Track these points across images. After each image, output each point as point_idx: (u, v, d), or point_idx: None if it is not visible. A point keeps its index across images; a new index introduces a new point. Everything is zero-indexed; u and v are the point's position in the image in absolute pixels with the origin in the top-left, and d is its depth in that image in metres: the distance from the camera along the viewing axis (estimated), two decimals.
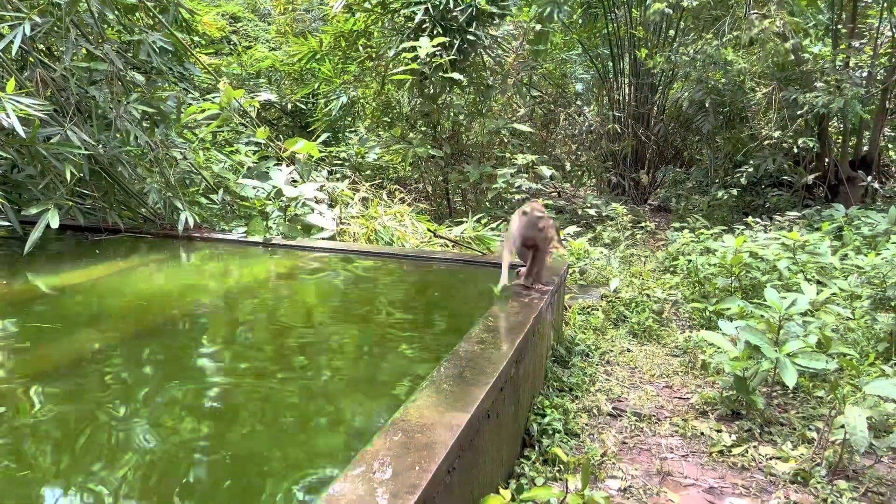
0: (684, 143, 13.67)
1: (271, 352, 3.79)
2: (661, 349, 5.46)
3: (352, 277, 5.37)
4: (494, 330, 3.44)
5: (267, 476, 2.49)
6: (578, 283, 6.91)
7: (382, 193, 8.85)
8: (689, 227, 9.42)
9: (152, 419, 2.85)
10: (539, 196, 10.04)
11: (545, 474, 3.39)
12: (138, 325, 4.08)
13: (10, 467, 2.45)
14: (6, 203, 5.11)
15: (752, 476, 3.56)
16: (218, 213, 7.12)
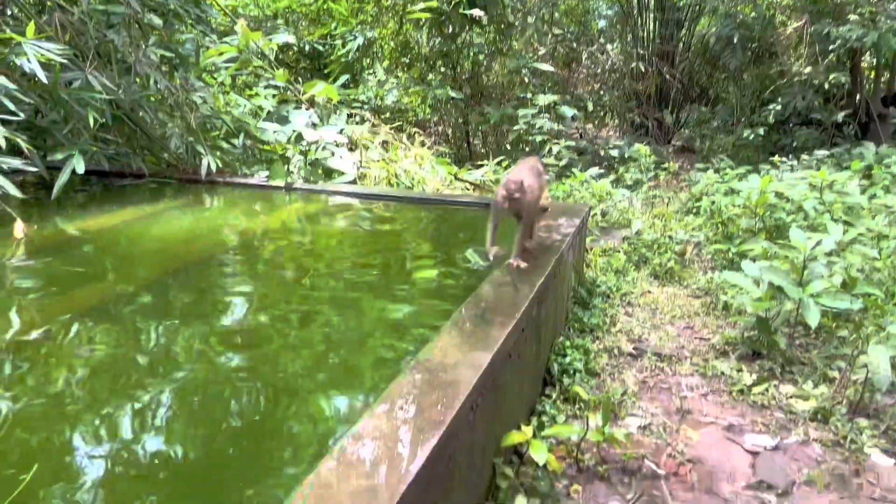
0: (710, 81, 13.32)
1: (295, 294, 3.85)
2: (682, 290, 5.46)
3: (373, 221, 5.39)
4: (516, 272, 3.45)
5: (297, 410, 2.57)
6: (600, 226, 6.88)
7: (402, 136, 8.79)
8: (714, 167, 9.27)
9: (184, 355, 2.94)
10: (560, 137, 9.91)
11: (566, 412, 3.46)
12: (165, 268, 4.16)
13: (49, 402, 2.56)
14: (32, 149, 5.16)
15: (771, 414, 3.60)
16: (239, 158, 7.13)
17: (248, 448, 2.37)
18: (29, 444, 2.31)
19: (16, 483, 2.05)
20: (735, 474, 3.08)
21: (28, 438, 2.34)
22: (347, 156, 6.99)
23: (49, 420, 2.46)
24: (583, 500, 2.87)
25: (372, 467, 1.80)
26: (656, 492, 2.95)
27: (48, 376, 2.77)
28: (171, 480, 2.15)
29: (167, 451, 2.28)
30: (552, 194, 7.56)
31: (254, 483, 2.17)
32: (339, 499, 1.66)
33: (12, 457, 2.23)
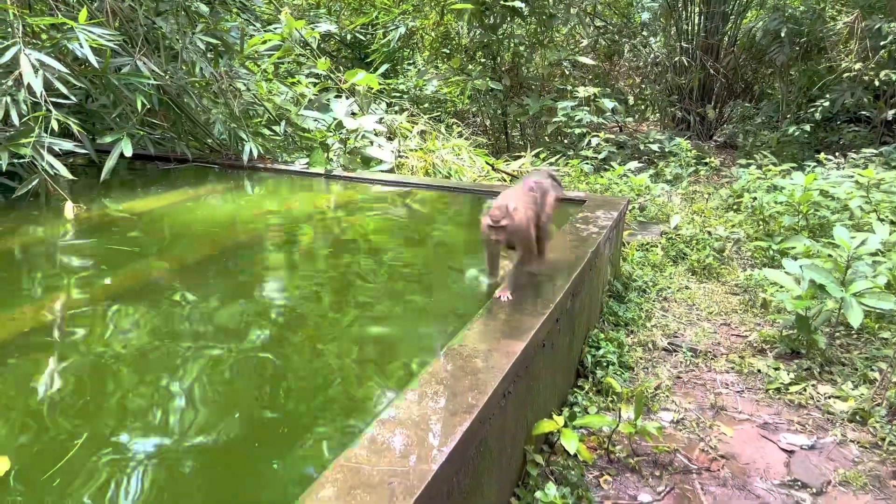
0: (755, 76, 13.03)
1: (334, 279, 3.92)
2: (720, 287, 5.39)
3: (410, 210, 5.43)
4: (551, 263, 3.46)
5: (333, 391, 2.63)
6: (638, 220, 6.82)
7: (441, 127, 8.81)
8: (756, 163, 9.09)
9: (224, 334, 3.02)
10: (600, 130, 9.82)
11: (598, 403, 3.46)
12: (208, 250, 4.26)
13: (95, 376, 2.66)
14: (83, 132, 5.32)
15: (808, 413, 3.55)
16: (280, 145, 7.24)
17: (284, 426, 2.43)
18: (78, 415, 2.41)
19: (67, 448, 2.15)
20: (769, 472, 3.05)
21: (77, 409, 2.44)
22: (386, 145, 7.04)
23: (96, 392, 2.56)
24: (613, 490, 2.88)
25: (404, 449, 1.84)
26: (688, 486, 2.94)
27: (96, 352, 2.87)
28: (204, 454, 2.22)
29: (203, 425, 2.35)
30: (591, 188, 7.52)
31: (287, 460, 2.23)
32: (371, 478, 1.71)
33: (63, 426, 2.33)
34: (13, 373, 2.67)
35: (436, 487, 1.77)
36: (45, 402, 2.48)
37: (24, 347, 2.87)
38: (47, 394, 2.53)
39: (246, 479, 2.16)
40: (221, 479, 2.14)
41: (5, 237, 4.41)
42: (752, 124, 11.93)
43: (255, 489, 2.10)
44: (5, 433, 2.26)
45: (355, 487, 1.66)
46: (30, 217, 4.79)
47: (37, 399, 2.50)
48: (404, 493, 1.65)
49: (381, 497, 1.63)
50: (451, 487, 1.93)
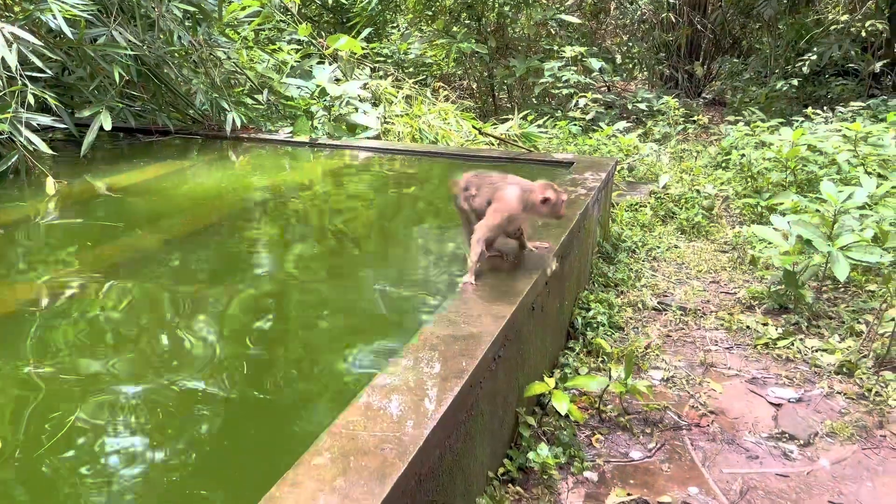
0: (743, 31, 12.92)
1: (322, 247, 3.90)
2: (709, 245, 5.41)
3: (397, 176, 5.40)
4: (540, 226, 3.45)
5: (323, 358, 2.63)
6: (627, 180, 6.81)
7: (426, 91, 8.70)
8: (745, 120, 9.05)
9: (211, 307, 3.01)
10: (587, 90, 9.73)
11: (589, 364, 3.49)
12: (192, 223, 4.23)
13: (80, 353, 2.65)
14: (60, 106, 5.22)
15: (796, 367, 3.59)
16: (264, 114, 7.15)
17: (276, 394, 2.44)
18: (66, 393, 2.40)
19: (57, 428, 2.15)
20: (757, 425, 3.10)
21: (64, 388, 2.43)
22: (371, 111, 6.96)
23: (83, 370, 2.55)
24: (604, 449, 2.92)
25: (396, 414, 1.85)
26: (678, 442, 2.98)
27: (83, 328, 2.86)
28: (197, 423, 2.23)
29: (195, 395, 2.35)
30: (579, 149, 7.48)
31: (281, 428, 2.24)
32: (365, 444, 1.71)
33: (51, 405, 2.32)
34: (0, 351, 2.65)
35: (428, 452, 1.78)
36: (32, 380, 2.47)
37: (10, 325, 2.85)
38: (34, 373, 2.52)
39: (241, 445, 2.18)
40: (216, 447, 2.15)
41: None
42: (741, 80, 11.86)
43: (250, 455, 2.12)
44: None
45: (348, 454, 1.67)
46: (11, 194, 4.72)
47: (24, 378, 2.49)
48: (396, 458, 1.66)
49: (375, 462, 1.64)
50: (443, 451, 1.94)
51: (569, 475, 2.72)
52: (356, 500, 1.51)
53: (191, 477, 2.00)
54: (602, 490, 2.66)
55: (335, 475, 1.59)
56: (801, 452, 2.91)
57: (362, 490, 1.54)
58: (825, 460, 2.85)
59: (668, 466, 2.82)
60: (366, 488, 1.55)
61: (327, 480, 1.58)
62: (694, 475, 2.76)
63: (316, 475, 1.59)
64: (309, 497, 1.52)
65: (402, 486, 1.62)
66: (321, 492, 1.54)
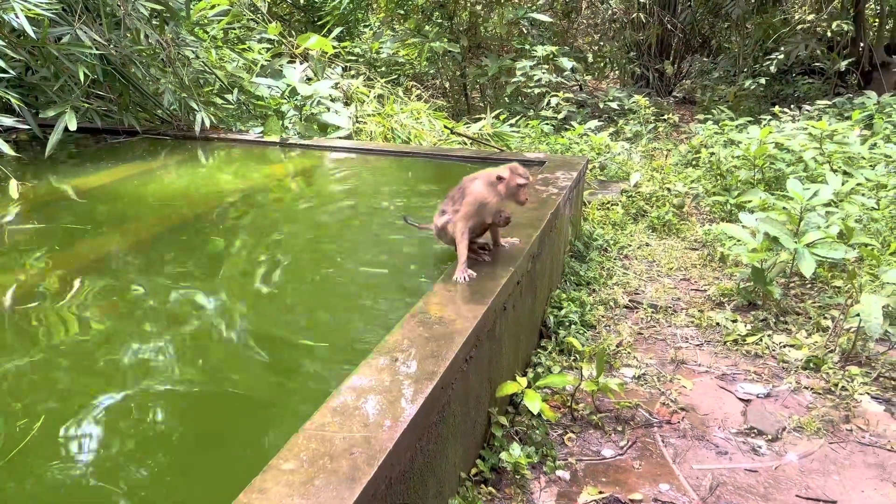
0: (712, 30, 13.09)
1: (293, 248, 3.86)
2: (680, 243, 5.47)
3: (369, 176, 5.36)
4: (512, 225, 3.45)
5: (293, 360, 2.60)
6: (598, 179, 6.85)
7: (398, 90, 8.68)
8: (714, 118, 9.17)
9: (179, 308, 2.97)
10: (559, 89, 9.78)
11: (561, 363, 3.51)
12: (161, 224, 4.16)
13: (50, 354, 2.60)
14: (24, 106, 5.11)
15: (764, 363, 3.64)
16: (234, 114, 7.06)
17: (246, 395, 2.40)
18: (31, 396, 2.35)
19: (25, 431, 2.10)
20: (727, 421, 3.14)
21: (29, 391, 2.38)
22: (343, 110, 6.91)
23: (49, 373, 2.49)
24: (577, 447, 2.93)
25: (367, 417, 1.84)
26: (649, 439, 3.00)
27: (49, 330, 2.80)
28: (163, 425, 2.19)
29: (162, 395, 2.32)
30: (551, 148, 7.51)
31: (251, 429, 2.21)
32: (335, 447, 1.70)
33: (18, 407, 2.27)
34: None
35: (398, 454, 1.77)
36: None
37: None
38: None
39: (216, 444, 2.15)
40: (186, 450, 2.12)
41: None
42: (710, 79, 12.01)
43: (223, 455, 2.09)
44: None
45: (318, 458, 1.66)
46: None
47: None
48: (366, 462, 1.65)
49: (344, 466, 1.62)
50: (414, 453, 1.93)
51: (541, 474, 2.73)
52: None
53: (160, 482, 1.97)
54: (574, 489, 2.67)
55: (304, 480, 1.58)
56: (769, 447, 2.95)
57: (331, 495, 1.53)
58: (793, 455, 2.90)
59: (640, 464, 2.84)
60: (335, 493, 1.54)
61: (296, 486, 1.56)
62: (665, 472, 2.79)
63: (284, 480, 1.58)
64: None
65: (371, 490, 1.61)
66: (290, 497, 1.52)
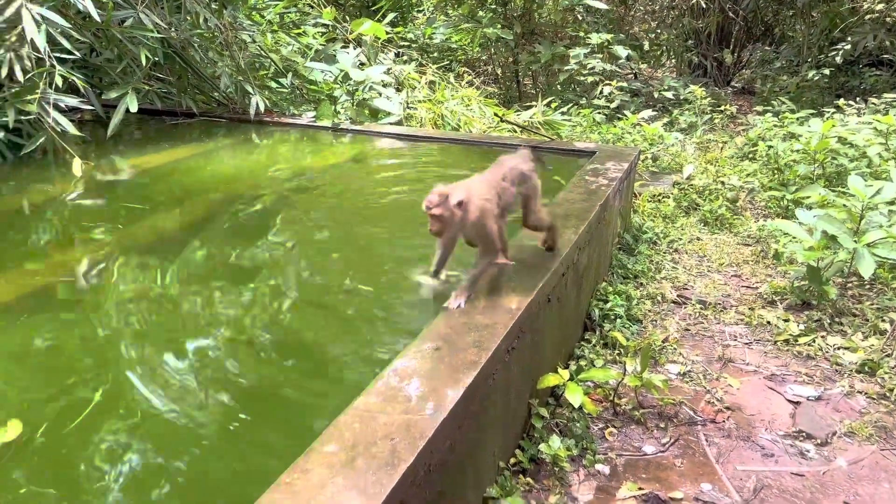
0: (776, 18, 12.63)
1: (343, 232, 3.92)
2: (732, 238, 5.34)
3: (418, 162, 5.39)
4: (559, 216, 3.43)
5: (340, 343, 2.65)
6: (650, 170, 6.73)
7: (450, 76, 8.66)
8: (774, 110, 8.88)
9: (239, 286, 3.05)
10: (613, 77, 9.61)
11: (605, 357, 3.48)
12: (216, 205, 4.27)
13: (116, 332, 2.70)
14: (88, 87, 5.29)
15: (816, 365, 3.55)
16: (287, 98, 7.17)
17: (293, 376, 2.46)
18: (90, 373, 2.45)
19: (80, 409, 2.20)
20: (774, 423, 3.07)
21: (89, 368, 2.48)
22: (394, 96, 6.95)
23: (108, 351, 2.60)
24: (617, 442, 2.91)
25: (408, 404, 1.86)
26: (692, 437, 2.96)
27: (108, 309, 2.91)
28: (218, 404, 2.26)
29: (217, 375, 2.39)
30: (602, 138, 7.40)
31: (297, 410, 2.27)
32: (376, 433, 1.73)
33: (75, 386, 2.37)
34: (26, 332, 2.71)
35: (438, 442, 1.80)
36: (57, 361, 2.53)
37: (36, 306, 2.92)
38: (59, 354, 2.58)
39: (261, 423, 2.21)
40: (234, 429, 2.18)
41: (15, 195, 4.43)
42: (772, 69, 11.62)
43: (268, 434, 2.15)
44: (18, 396, 2.31)
45: (359, 442, 1.69)
46: (39, 174, 4.80)
47: (49, 359, 2.55)
48: (406, 448, 1.68)
49: (385, 451, 1.65)
50: (454, 441, 1.95)
51: (580, 467, 2.72)
52: (365, 490, 1.53)
53: (205, 458, 2.04)
54: (613, 483, 2.65)
55: (345, 463, 1.61)
56: (818, 451, 2.88)
57: (371, 479, 1.56)
58: (842, 460, 2.82)
59: (682, 462, 2.81)
60: (374, 477, 1.57)
61: (337, 468, 1.60)
62: (707, 471, 2.75)
63: (326, 462, 1.62)
64: (318, 484, 1.54)
65: (410, 476, 1.64)
66: (331, 479, 1.56)
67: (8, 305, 2.88)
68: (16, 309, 2.86)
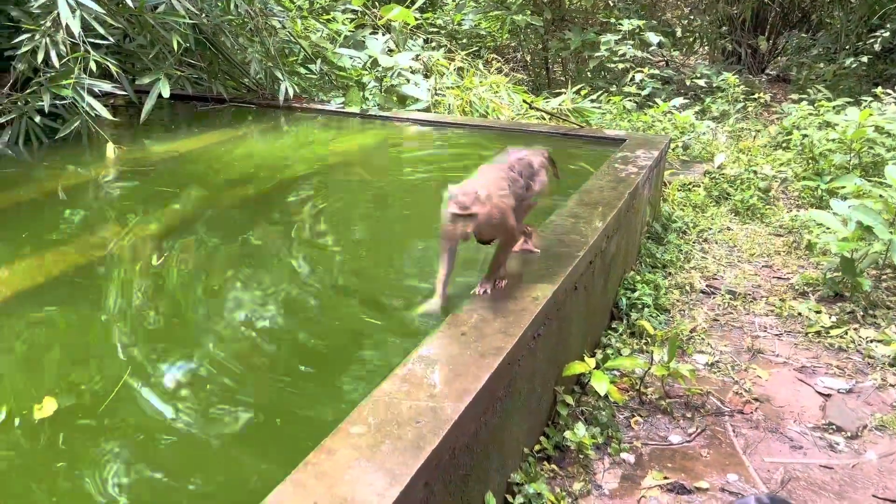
0: (813, 4, 12.32)
1: (372, 218, 3.94)
2: (763, 228, 5.26)
3: (445, 150, 5.38)
4: (588, 204, 3.41)
5: (364, 327, 2.67)
6: (681, 159, 6.64)
7: (478, 63, 8.62)
8: (809, 98, 8.69)
9: (269, 271, 3.09)
10: (644, 65, 9.47)
11: (631, 346, 3.46)
12: (246, 190, 4.31)
13: (147, 314, 2.76)
14: (121, 72, 5.36)
15: (848, 357, 3.49)
16: (316, 84, 7.20)
17: (318, 358, 2.49)
18: (122, 352, 2.51)
19: (111, 387, 2.25)
20: (803, 415, 3.03)
21: (120, 347, 2.54)
22: (422, 83, 6.93)
23: (139, 331, 2.65)
24: (643, 431, 2.90)
25: (434, 387, 1.87)
26: (719, 427, 2.94)
27: (139, 291, 2.97)
28: (246, 383, 2.30)
29: (245, 356, 2.43)
30: (632, 126, 7.32)
31: (322, 394, 2.29)
32: (401, 415, 1.74)
33: (106, 365, 2.43)
34: (58, 312, 2.78)
35: (463, 426, 1.81)
36: (89, 341, 2.59)
37: (69, 288, 2.98)
38: (91, 333, 2.64)
39: (289, 403, 2.24)
40: (262, 410, 2.21)
41: (50, 178, 4.53)
42: (808, 56, 11.36)
43: (298, 413, 2.18)
44: (52, 374, 2.36)
45: (385, 424, 1.71)
46: (73, 158, 4.89)
47: (81, 338, 2.60)
48: (431, 431, 1.69)
49: (410, 434, 1.66)
50: (478, 426, 1.96)
51: (605, 455, 2.72)
52: (390, 471, 1.54)
53: (232, 438, 2.07)
54: (639, 472, 2.65)
55: (371, 445, 1.63)
56: (847, 444, 2.84)
57: (396, 461, 1.58)
58: (872, 453, 2.78)
59: (708, 452, 2.79)
60: (400, 459, 1.58)
61: (363, 449, 1.61)
62: (734, 462, 2.73)
63: (352, 444, 1.63)
64: (344, 465, 1.56)
65: (435, 459, 1.65)
66: (356, 460, 1.58)
67: (41, 287, 2.95)
68: (48, 289, 2.93)
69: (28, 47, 4.72)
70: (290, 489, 1.48)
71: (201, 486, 1.90)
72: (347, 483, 1.50)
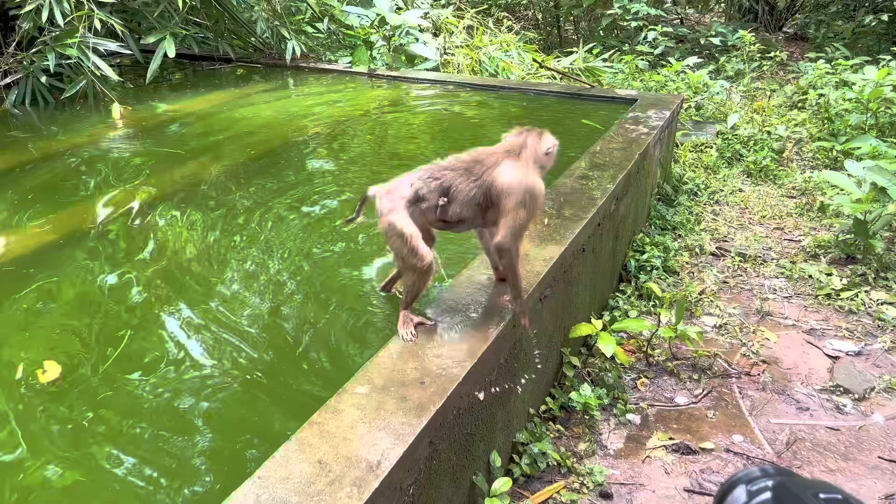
0: None
1: (379, 179, 3.90)
2: (776, 190, 5.19)
3: (454, 109, 5.31)
4: (597, 166, 3.36)
5: (370, 290, 2.67)
6: (693, 119, 6.53)
7: (489, 21, 8.45)
8: (827, 57, 8.50)
9: (276, 233, 3.09)
10: (658, 23, 9.27)
11: (639, 308, 3.45)
12: (253, 150, 4.28)
13: (151, 276, 2.77)
14: (126, 31, 5.30)
15: (858, 320, 3.46)
16: (323, 43, 7.10)
17: (326, 321, 2.50)
18: (124, 315, 2.52)
19: (113, 350, 2.27)
20: (811, 377, 3.02)
21: (122, 311, 2.55)
22: (431, 41, 6.82)
23: (141, 294, 2.66)
24: (649, 392, 2.91)
25: (438, 349, 1.87)
26: (725, 389, 2.94)
27: (144, 253, 2.97)
28: (251, 346, 2.32)
29: (250, 321, 2.44)
30: (644, 86, 7.19)
31: (328, 354, 2.30)
32: (406, 376, 1.75)
33: (109, 328, 2.45)
34: (62, 275, 2.79)
35: (467, 387, 1.81)
36: (91, 304, 2.60)
37: (74, 248, 2.99)
38: (93, 296, 2.65)
39: (297, 365, 2.26)
40: (266, 370, 2.23)
41: (56, 138, 4.51)
42: (826, 13, 11.07)
43: (299, 379, 2.20)
44: (56, 339, 2.38)
45: (390, 385, 1.71)
46: (79, 118, 4.87)
47: (84, 301, 2.62)
48: (436, 392, 1.69)
49: (415, 395, 1.67)
50: (484, 386, 1.97)
51: (611, 416, 2.73)
52: (395, 430, 1.55)
53: (238, 397, 2.09)
54: (644, 433, 2.66)
55: (376, 405, 1.64)
56: (854, 406, 2.83)
57: (401, 420, 1.59)
58: (879, 416, 2.78)
59: (714, 413, 2.80)
60: (404, 419, 1.59)
61: (368, 410, 1.62)
62: (740, 423, 2.74)
63: (357, 403, 1.64)
64: (349, 425, 1.57)
65: (439, 419, 1.66)
66: (362, 420, 1.59)
67: (47, 245, 2.96)
68: (53, 250, 2.94)
69: (32, 5, 4.66)
70: (295, 447, 1.50)
71: (209, 442, 1.92)
72: (352, 441, 1.51)
